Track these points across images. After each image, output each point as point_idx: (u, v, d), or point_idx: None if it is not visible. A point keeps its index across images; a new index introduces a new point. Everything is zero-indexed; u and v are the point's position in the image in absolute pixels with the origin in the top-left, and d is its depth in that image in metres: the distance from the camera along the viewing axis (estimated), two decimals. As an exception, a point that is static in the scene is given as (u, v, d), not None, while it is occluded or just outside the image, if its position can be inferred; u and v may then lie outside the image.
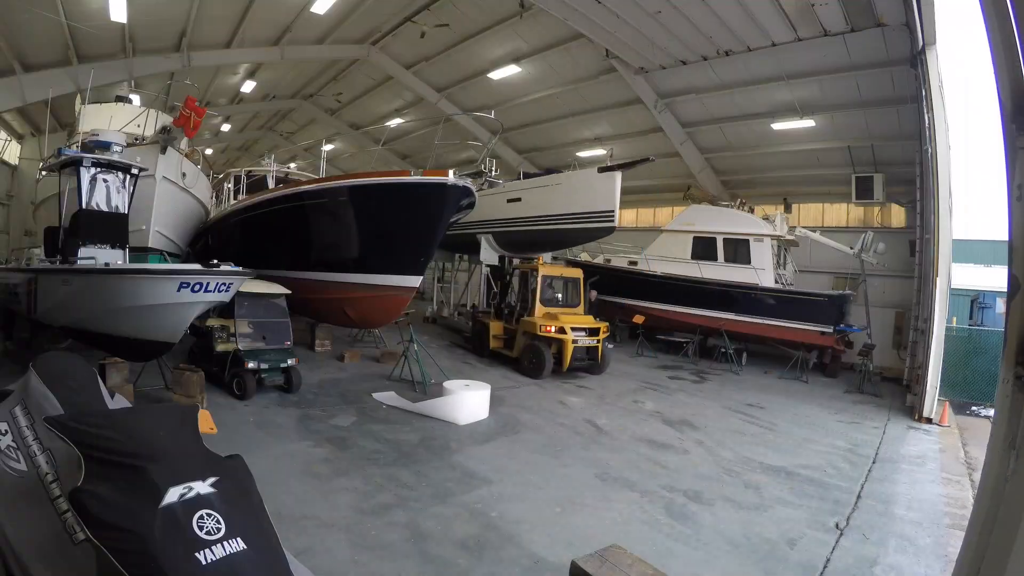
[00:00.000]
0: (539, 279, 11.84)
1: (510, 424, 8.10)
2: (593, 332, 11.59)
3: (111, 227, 8.56)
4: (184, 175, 11.53)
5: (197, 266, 6.87)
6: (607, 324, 12.17)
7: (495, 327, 12.78)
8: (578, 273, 12.83)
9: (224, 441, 5.72)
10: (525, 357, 11.45)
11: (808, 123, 15.26)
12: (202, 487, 2.38)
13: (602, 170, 12.95)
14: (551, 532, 4.83)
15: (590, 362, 11.66)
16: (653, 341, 15.79)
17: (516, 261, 14.02)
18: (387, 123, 24.59)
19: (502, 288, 13.60)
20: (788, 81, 14.08)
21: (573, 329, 11.29)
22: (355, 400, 8.76)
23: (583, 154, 20.54)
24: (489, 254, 15.75)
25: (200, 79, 18.39)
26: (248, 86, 22.13)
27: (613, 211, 12.78)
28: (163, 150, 10.59)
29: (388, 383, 9.89)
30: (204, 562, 2.14)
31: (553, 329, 11.21)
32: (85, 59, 14.42)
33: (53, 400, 2.91)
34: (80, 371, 3.36)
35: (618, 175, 12.68)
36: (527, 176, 16.26)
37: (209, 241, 14.36)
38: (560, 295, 12.54)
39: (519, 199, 14.91)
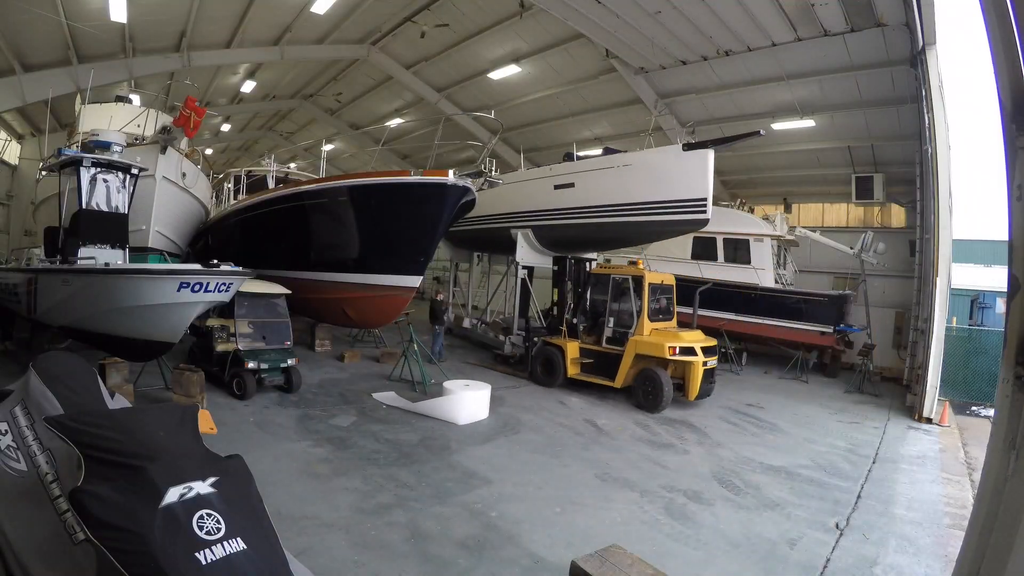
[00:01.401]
0: (646, 288, 9.85)
1: (510, 424, 8.11)
2: (712, 351, 9.83)
3: (111, 227, 8.58)
4: (184, 175, 11.55)
5: (197, 266, 6.89)
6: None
7: (572, 348, 10.57)
8: (672, 279, 10.86)
9: (224, 441, 5.74)
10: (640, 387, 9.58)
11: (808, 123, 15.25)
12: (202, 487, 2.38)
13: (688, 147, 10.46)
14: (551, 532, 4.83)
15: (710, 385, 9.86)
16: None
17: (592, 264, 11.37)
18: (387, 123, 24.56)
19: (577, 298, 11.15)
20: (788, 81, 14.07)
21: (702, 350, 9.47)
22: (355, 400, 8.77)
23: (583, 154, 20.47)
24: (528, 254, 13.33)
25: (200, 79, 18.40)
26: (248, 86, 22.12)
27: (705, 199, 10.27)
28: (163, 150, 10.61)
29: (388, 383, 9.90)
30: (204, 562, 2.14)
31: (678, 350, 9.29)
32: (85, 59, 14.42)
33: (53, 400, 2.91)
34: (80, 371, 3.37)
35: (710, 154, 10.19)
36: (579, 158, 13.22)
37: (209, 241, 14.38)
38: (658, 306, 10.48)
39: (571, 184, 12.27)
